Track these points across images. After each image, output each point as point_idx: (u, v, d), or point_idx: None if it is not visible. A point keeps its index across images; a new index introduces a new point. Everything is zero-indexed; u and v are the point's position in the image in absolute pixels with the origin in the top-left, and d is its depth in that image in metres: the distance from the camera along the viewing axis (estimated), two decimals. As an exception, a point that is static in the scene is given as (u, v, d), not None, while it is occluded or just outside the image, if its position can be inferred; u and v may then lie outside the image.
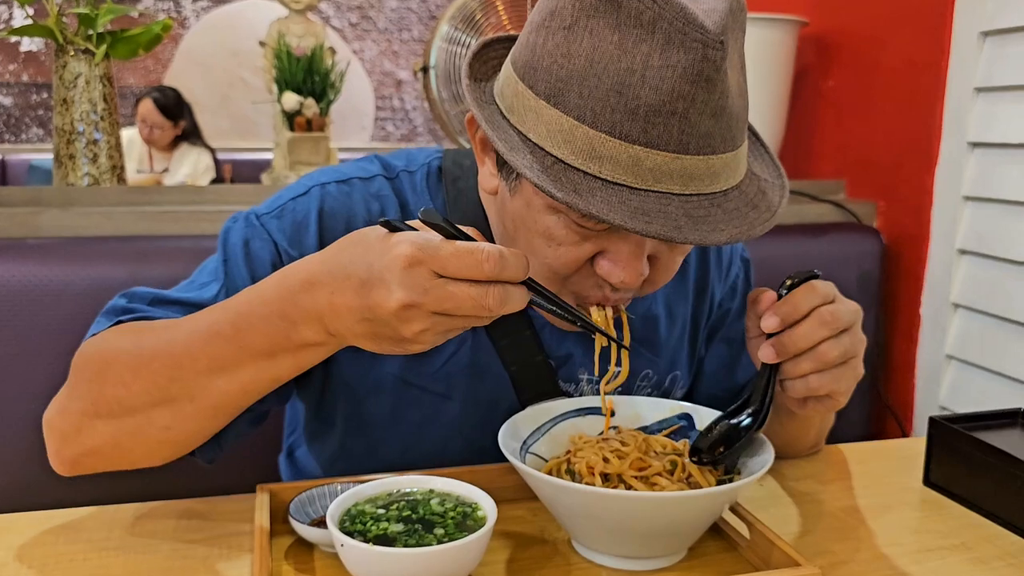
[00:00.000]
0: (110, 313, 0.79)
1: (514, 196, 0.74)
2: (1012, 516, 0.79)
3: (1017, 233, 1.42)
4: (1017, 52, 1.42)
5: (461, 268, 0.57)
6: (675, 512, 0.66)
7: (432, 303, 0.57)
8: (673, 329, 0.94)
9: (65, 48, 1.46)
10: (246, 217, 0.84)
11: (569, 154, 0.65)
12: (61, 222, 1.35)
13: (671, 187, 0.65)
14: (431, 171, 0.88)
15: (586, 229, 0.70)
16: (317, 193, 0.84)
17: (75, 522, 0.79)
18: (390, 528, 0.64)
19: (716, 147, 0.65)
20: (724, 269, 0.98)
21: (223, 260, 0.83)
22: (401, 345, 0.61)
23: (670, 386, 0.95)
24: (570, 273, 0.73)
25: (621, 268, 0.70)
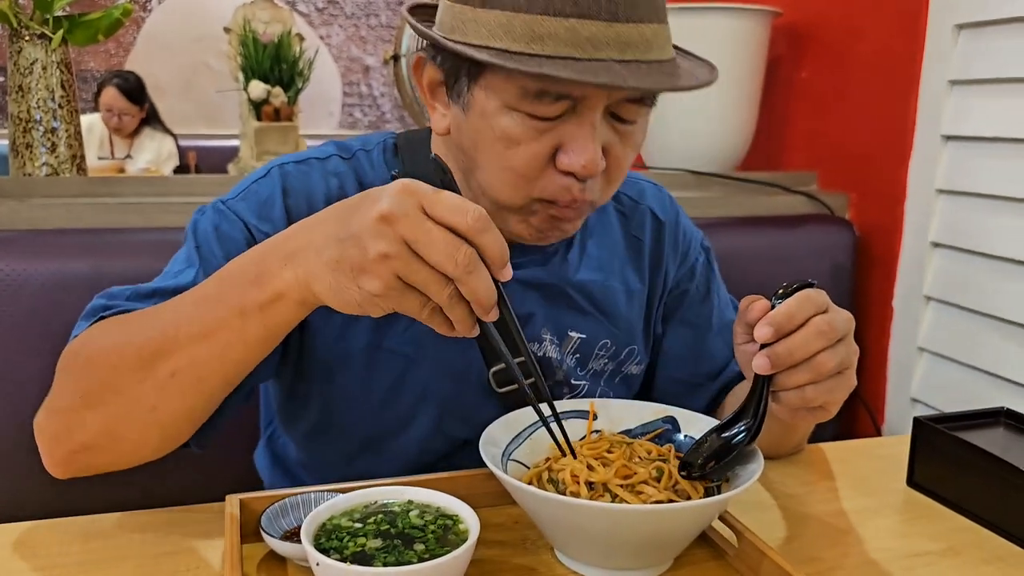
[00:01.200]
0: (89, 314, 0.79)
1: (469, 114, 0.77)
2: (998, 519, 0.79)
3: (990, 226, 1.43)
4: (992, 45, 1.42)
5: (447, 210, 0.58)
6: (663, 524, 0.64)
7: (407, 228, 0.57)
8: (631, 304, 0.97)
9: (20, 32, 1.40)
10: (212, 206, 0.85)
11: (512, 43, 0.70)
12: (19, 214, 1.30)
13: (611, 54, 0.70)
14: (387, 147, 0.91)
15: (540, 121, 0.73)
16: (277, 172, 0.86)
17: (28, 536, 0.75)
18: (368, 544, 0.61)
19: (643, 16, 0.71)
20: (681, 251, 1.01)
21: (195, 247, 0.83)
22: (358, 279, 0.59)
23: (626, 358, 0.97)
24: (534, 175, 0.76)
25: (579, 154, 0.73)
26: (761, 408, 0.69)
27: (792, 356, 0.66)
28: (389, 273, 0.58)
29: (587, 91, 0.72)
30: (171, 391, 0.70)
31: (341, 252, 0.60)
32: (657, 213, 1.01)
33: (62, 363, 0.76)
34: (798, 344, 0.66)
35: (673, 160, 1.87)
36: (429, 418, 0.88)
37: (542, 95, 0.72)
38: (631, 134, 0.78)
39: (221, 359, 0.69)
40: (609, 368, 0.96)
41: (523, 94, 0.73)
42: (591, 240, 0.95)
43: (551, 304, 0.91)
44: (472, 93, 0.76)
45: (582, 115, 0.74)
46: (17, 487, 1.16)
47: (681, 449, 0.77)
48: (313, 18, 4.97)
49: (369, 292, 0.59)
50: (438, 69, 0.80)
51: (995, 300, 1.41)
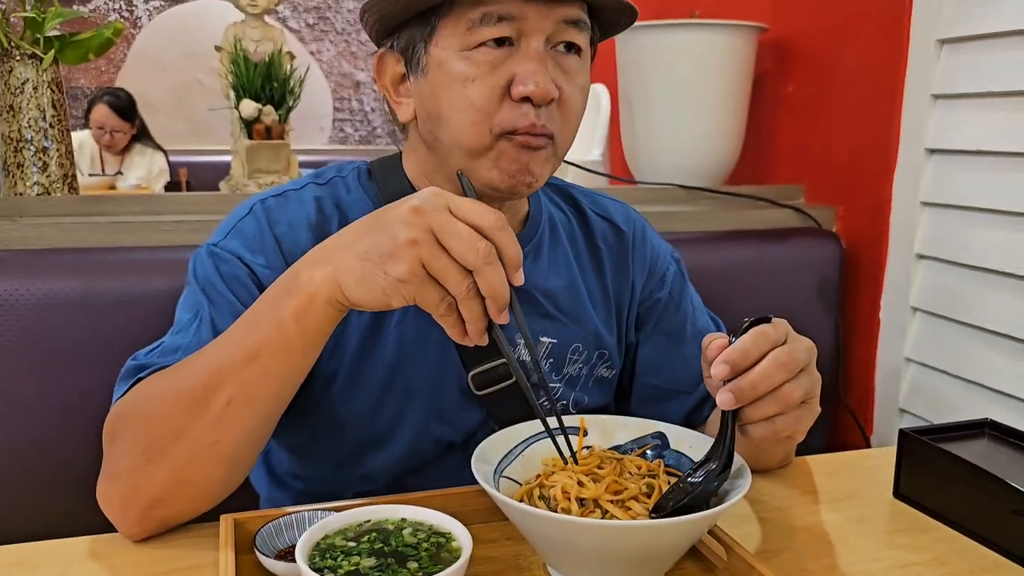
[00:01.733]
0: (125, 377, 0.83)
1: (428, 74, 0.84)
2: (983, 529, 0.80)
3: (973, 238, 1.45)
4: (974, 60, 1.44)
5: (470, 211, 0.64)
6: (653, 539, 0.65)
7: (435, 220, 0.63)
8: (596, 310, 1.01)
9: (10, 52, 1.41)
10: (206, 250, 0.90)
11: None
12: (10, 234, 1.30)
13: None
14: (361, 172, 0.96)
15: (492, 50, 0.80)
16: (260, 208, 0.91)
17: (29, 558, 0.75)
18: (362, 563, 0.62)
19: None
20: (648, 263, 1.06)
21: (200, 289, 0.87)
22: (385, 264, 0.64)
23: (597, 361, 1.01)
24: (492, 108, 0.81)
25: (530, 77, 0.79)
26: (727, 446, 0.69)
27: (755, 389, 0.68)
28: (415, 258, 0.63)
29: (524, 11, 0.79)
30: (229, 420, 0.72)
31: (371, 243, 0.65)
32: (619, 225, 1.05)
33: (111, 429, 0.79)
34: (760, 377, 0.68)
35: (662, 175, 1.89)
36: (415, 421, 0.91)
37: (485, 19, 0.79)
38: (575, 71, 0.85)
39: (268, 375, 0.72)
40: (584, 372, 0.99)
41: (469, 26, 0.80)
42: (555, 250, 1.00)
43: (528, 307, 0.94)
44: (428, 53, 0.83)
45: (527, 43, 0.81)
46: (10, 507, 1.16)
47: (670, 465, 0.78)
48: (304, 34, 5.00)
49: (395, 278, 0.63)
50: (397, 56, 0.87)
51: (979, 311, 1.43)
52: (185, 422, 0.73)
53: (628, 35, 1.88)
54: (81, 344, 1.18)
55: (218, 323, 0.84)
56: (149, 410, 0.76)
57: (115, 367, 1.14)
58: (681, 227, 1.64)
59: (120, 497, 0.76)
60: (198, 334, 0.84)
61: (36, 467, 1.17)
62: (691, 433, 0.80)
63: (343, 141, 5.22)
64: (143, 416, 0.76)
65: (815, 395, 0.72)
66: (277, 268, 0.86)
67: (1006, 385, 1.38)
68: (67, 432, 1.17)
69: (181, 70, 4.77)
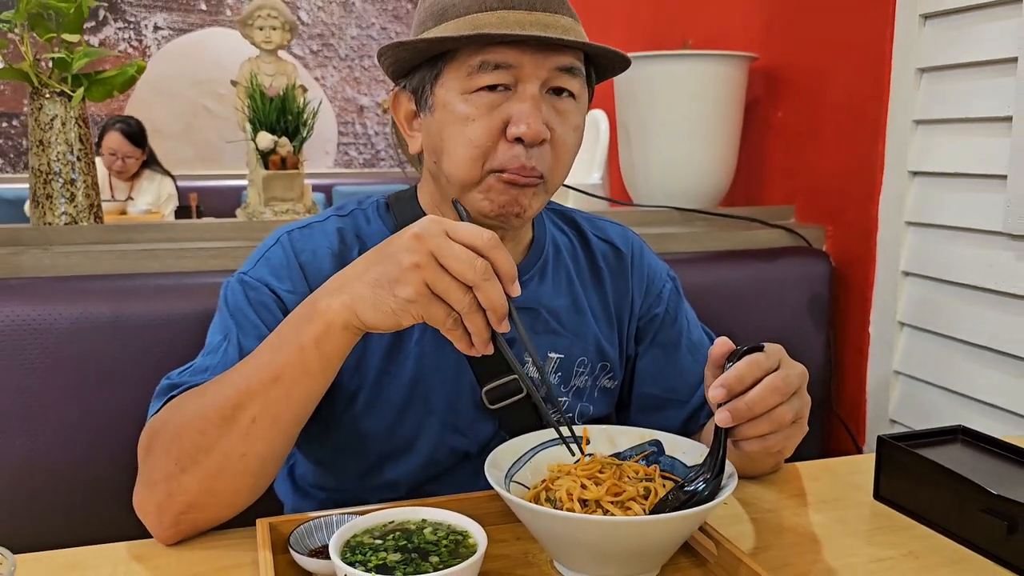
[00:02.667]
0: (160, 395, 0.90)
1: (434, 113, 0.92)
2: (954, 526, 0.87)
3: (955, 256, 1.52)
4: (951, 88, 1.52)
5: (465, 234, 0.71)
6: (649, 534, 0.72)
7: (435, 245, 0.70)
8: (599, 325, 1.08)
9: (40, 91, 1.49)
10: (237, 279, 0.98)
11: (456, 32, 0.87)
12: (42, 261, 1.38)
13: (533, 31, 0.86)
14: (379, 206, 1.04)
15: (490, 94, 0.88)
16: (286, 239, 0.99)
17: (79, 561, 0.82)
18: (388, 558, 0.69)
19: (556, 8, 0.89)
20: (646, 281, 1.14)
21: (229, 315, 0.95)
22: (394, 288, 0.71)
23: (600, 373, 1.08)
24: (489, 146, 0.89)
25: (523, 120, 0.87)
26: (720, 457, 0.77)
27: (751, 410, 0.76)
28: (419, 280, 0.70)
29: (521, 59, 0.87)
30: (255, 435, 0.79)
31: (380, 272, 0.73)
32: (618, 245, 1.14)
33: (147, 442, 0.86)
34: (756, 400, 0.76)
35: (658, 198, 1.97)
36: (433, 434, 0.99)
37: (484, 66, 0.87)
38: (568, 113, 0.92)
39: (289, 396, 0.79)
40: (588, 384, 1.07)
41: (470, 72, 0.88)
42: (559, 270, 1.08)
43: (530, 327, 1.02)
44: (435, 93, 0.92)
45: (524, 88, 0.88)
46: (51, 517, 1.23)
47: (665, 469, 0.85)
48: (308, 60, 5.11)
49: (403, 299, 0.71)
50: (409, 95, 0.96)
51: (961, 324, 1.50)
52: (215, 436, 0.80)
53: (624, 64, 1.96)
54: (111, 365, 1.25)
55: (244, 345, 0.91)
56: (182, 425, 0.83)
57: (144, 386, 1.22)
58: (678, 248, 1.71)
59: (155, 504, 0.83)
60: (226, 355, 0.91)
61: (73, 480, 1.23)
62: (685, 440, 0.87)
63: (347, 164, 5.31)
64: (177, 430, 0.83)
65: (804, 415, 0.80)
66: (302, 293, 0.93)
67: (987, 394, 1.45)
68: (101, 448, 1.24)
69: (189, 97, 4.87)
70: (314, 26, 5.11)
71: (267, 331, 0.90)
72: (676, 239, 1.74)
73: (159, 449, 0.84)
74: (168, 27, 4.85)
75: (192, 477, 0.81)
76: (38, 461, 1.22)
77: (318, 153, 5.10)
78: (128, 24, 4.79)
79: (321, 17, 5.14)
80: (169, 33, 4.87)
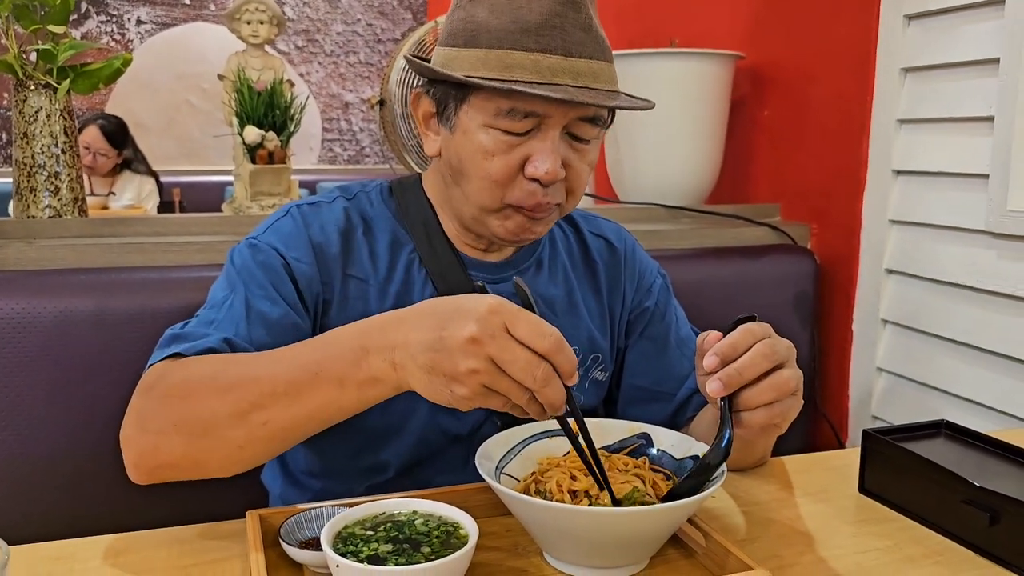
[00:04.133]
0: (164, 344, 0.89)
1: (455, 133, 0.93)
2: (937, 518, 0.88)
3: (938, 254, 1.54)
4: (934, 88, 1.54)
5: (528, 332, 0.68)
6: (638, 525, 0.73)
7: (494, 348, 0.67)
8: (591, 317, 1.10)
9: (25, 83, 1.48)
10: (246, 242, 0.99)
11: (488, 72, 0.87)
12: (26, 255, 1.37)
13: (565, 80, 0.87)
14: (383, 189, 1.06)
15: (511, 136, 0.89)
16: (296, 211, 1.01)
17: (66, 554, 0.81)
18: (380, 548, 0.69)
19: (591, 54, 0.89)
20: (637, 276, 1.16)
21: (236, 273, 0.95)
22: (450, 385, 0.69)
23: (591, 365, 1.10)
24: (507, 181, 0.91)
25: (542, 162, 0.89)
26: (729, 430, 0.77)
27: (742, 376, 0.76)
28: (478, 384, 0.68)
29: (549, 110, 0.88)
30: (260, 437, 0.79)
31: (434, 361, 0.69)
32: (612, 241, 1.16)
33: (150, 388, 0.84)
34: (746, 365, 0.76)
35: (645, 195, 1.98)
36: (424, 414, 0.99)
37: (512, 112, 0.88)
38: (586, 151, 0.94)
39: (310, 418, 0.78)
40: (580, 374, 1.06)
41: (497, 112, 0.89)
42: (555, 263, 1.10)
43: None
44: (458, 115, 0.92)
45: (545, 132, 0.90)
46: (30, 511, 1.22)
47: (654, 462, 0.86)
48: (293, 56, 5.08)
49: (460, 396, 0.70)
50: (431, 101, 0.96)
51: (943, 322, 1.52)
52: (221, 421, 0.79)
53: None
54: (94, 360, 1.24)
55: (252, 303, 0.92)
56: (191, 394, 0.81)
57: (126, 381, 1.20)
58: (664, 244, 1.72)
59: (140, 450, 0.82)
60: (232, 310, 0.91)
61: (56, 474, 1.22)
62: (673, 433, 0.88)
63: (332, 161, 5.29)
64: (184, 395, 0.81)
65: (800, 389, 0.80)
66: (309, 263, 0.96)
67: (968, 390, 1.47)
68: (84, 441, 1.23)
69: (172, 91, 4.83)
70: (299, 21, 5.09)
71: (274, 292, 0.93)
72: (663, 236, 1.75)
73: (158, 403, 0.83)
74: (151, 21, 4.81)
75: (184, 442, 0.80)
76: (21, 454, 1.21)
77: (303, 149, 5.08)
78: (111, 18, 4.75)
79: (307, 12, 5.12)
80: (152, 27, 4.82)
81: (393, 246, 1.01)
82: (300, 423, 0.79)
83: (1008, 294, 1.39)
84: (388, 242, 1.01)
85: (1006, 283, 1.39)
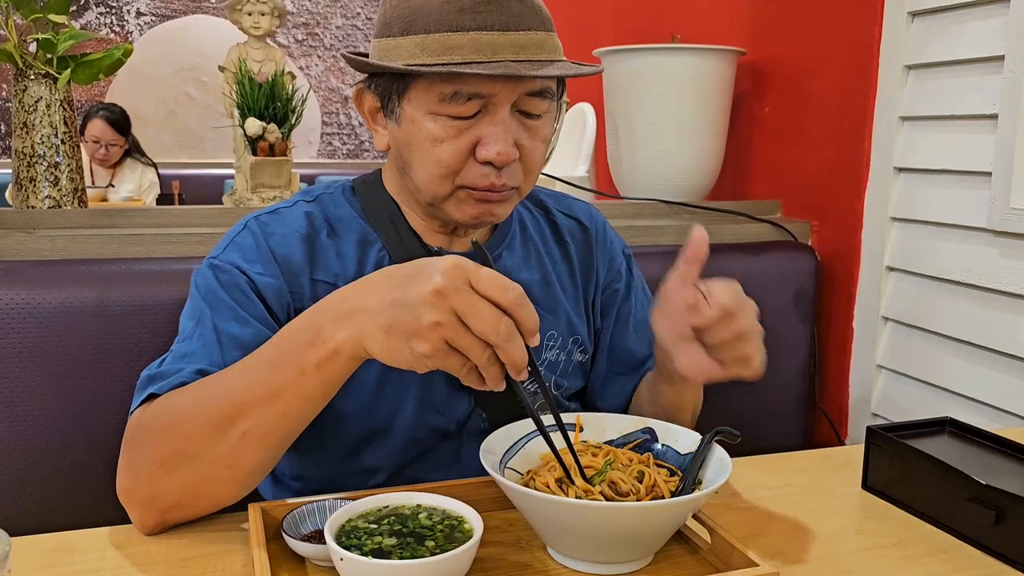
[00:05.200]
0: (141, 387, 0.88)
1: (401, 124, 0.91)
2: (942, 516, 0.88)
3: (939, 251, 1.54)
4: (937, 84, 1.54)
5: (491, 286, 0.68)
6: (643, 520, 0.73)
7: (457, 301, 0.67)
8: (567, 299, 1.10)
9: (25, 72, 1.47)
10: (207, 264, 0.97)
11: (428, 58, 0.86)
12: (26, 245, 1.36)
13: (507, 56, 0.85)
14: (345, 189, 1.04)
15: (460, 120, 0.87)
16: (254, 224, 0.99)
17: (67, 546, 0.81)
18: (384, 542, 0.69)
19: (530, 25, 0.87)
20: (608, 256, 1.16)
21: (201, 298, 0.93)
22: (410, 341, 0.68)
23: (572, 347, 1.09)
24: (458, 167, 0.89)
25: (493, 144, 0.87)
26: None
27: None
28: (439, 338, 0.67)
29: (494, 89, 0.86)
30: (244, 449, 0.78)
31: (395, 318, 0.69)
32: (584, 222, 1.15)
33: (130, 437, 0.84)
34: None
35: (646, 191, 1.97)
36: (411, 411, 0.98)
37: (456, 96, 0.86)
38: (537, 128, 0.92)
39: (285, 415, 0.77)
40: (562, 358, 1.08)
41: (441, 98, 0.87)
42: (527, 246, 1.09)
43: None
44: (402, 107, 0.91)
45: (493, 113, 0.87)
46: (30, 503, 1.21)
47: (659, 457, 0.86)
48: (293, 49, 5.07)
49: (420, 354, 0.68)
50: (374, 95, 0.94)
51: (944, 319, 1.52)
52: (204, 445, 0.78)
53: (613, 57, 1.96)
54: (94, 351, 1.24)
55: (220, 327, 0.90)
56: (168, 427, 0.81)
57: (127, 373, 1.21)
58: (665, 240, 1.72)
59: (139, 504, 0.82)
60: (203, 339, 0.90)
61: (56, 465, 1.22)
62: (678, 428, 0.88)
63: (331, 155, 5.28)
64: (162, 431, 0.81)
65: (759, 339, 0.86)
66: (273, 275, 0.94)
67: (970, 389, 1.47)
68: (84, 433, 1.23)
69: (171, 84, 4.82)
70: (299, 15, 5.08)
71: (242, 312, 0.91)
72: (663, 232, 1.74)
73: (141, 447, 0.83)
74: (151, 13, 4.79)
75: (176, 480, 0.80)
76: (21, 446, 1.21)
77: (302, 143, 5.07)
78: (110, 9, 4.73)
79: (306, 6, 5.10)
80: (152, 19, 4.81)
81: (361, 245, 0.99)
82: (277, 424, 0.78)
83: (1010, 292, 1.39)
84: (355, 242, 0.99)
85: (1008, 281, 1.39)
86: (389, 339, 0.69)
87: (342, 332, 0.72)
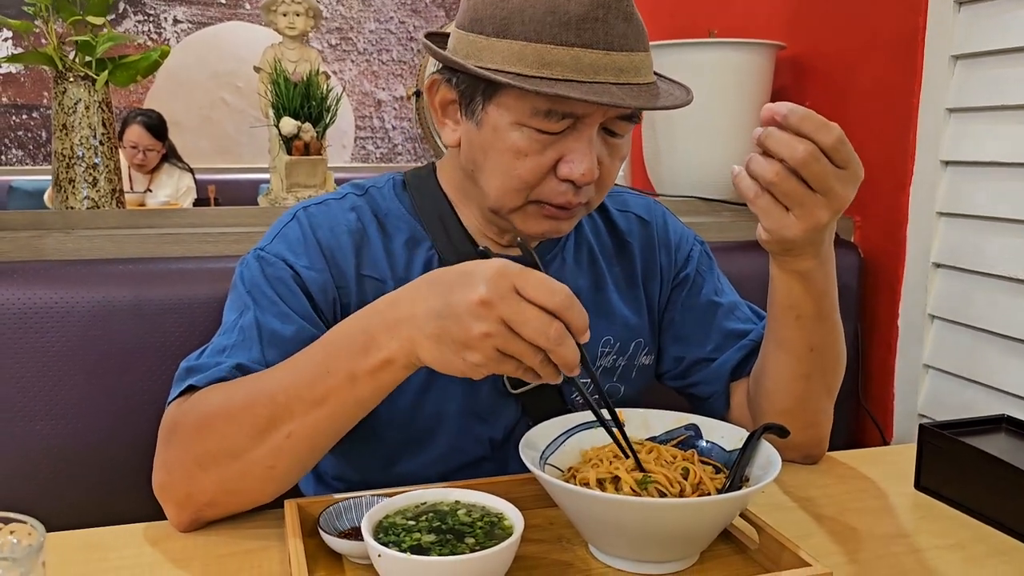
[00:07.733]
0: (180, 379, 0.87)
1: (481, 128, 0.87)
2: (1002, 516, 0.84)
3: (987, 247, 1.49)
4: (986, 75, 1.49)
5: (537, 291, 0.66)
6: (689, 518, 0.70)
7: (505, 309, 0.65)
8: (625, 302, 1.06)
9: (65, 75, 1.48)
10: (253, 255, 0.95)
11: (525, 68, 0.81)
12: (65, 245, 1.37)
13: (607, 78, 0.82)
14: (396, 183, 1.02)
15: (546, 135, 0.84)
16: (303, 214, 0.97)
17: (106, 541, 0.81)
18: (423, 539, 0.67)
19: (632, 46, 0.83)
20: (673, 245, 1.12)
21: (246, 291, 0.91)
22: (462, 352, 0.67)
23: (635, 351, 1.06)
24: (536, 182, 0.86)
25: (579, 163, 0.84)
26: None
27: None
28: (490, 348, 0.67)
29: (588, 110, 0.83)
30: (287, 451, 0.77)
31: (444, 328, 0.68)
32: (643, 216, 1.12)
33: (167, 431, 0.83)
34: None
35: (684, 188, 1.94)
36: (454, 420, 0.96)
37: (550, 113, 0.83)
38: (619, 146, 0.90)
39: (332, 419, 0.77)
40: (621, 364, 1.05)
41: (533, 112, 0.83)
42: (580, 250, 1.05)
43: None
44: (486, 110, 0.86)
45: (581, 131, 0.85)
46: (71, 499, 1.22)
47: (703, 454, 0.83)
48: (326, 54, 5.09)
49: (473, 363, 0.68)
50: (453, 90, 0.90)
51: (994, 317, 1.47)
52: (244, 444, 0.77)
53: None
54: (133, 349, 1.24)
55: (262, 322, 0.88)
56: (208, 426, 0.79)
57: (165, 370, 1.21)
58: (704, 237, 1.66)
59: (174, 501, 0.82)
60: (243, 333, 0.88)
61: (93, 463, 1.22)
62: (723, 424, 0.85)
63: (365, 159, 5.30)
64: (199, 428, 0.80)
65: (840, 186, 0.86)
66: (319, 269, 0.92)
67: (1021, 387, 1.42)
68: (121, 431, 1.23)
69: (207, 90, 4.87)
70: (332, 20, 5.11)
71: (285, 307, 0.89)
72: (702, 229, 1.71)
73: (178, 444, 0.82)
74: (187, 20, 4.85)
75: (212, 477, 0.79)
76: (59, 444, 1.21)
77: (335, 147, 5.09)
78: (148, 17, 4.79)
79: (340, 11, 5.13)
80: (188, 26, 4.87)
81: (410, 244, 0.97)
82: (323, 427, 0.77)
83: (1065, 287, 1.34)
84: (404, 240, 0.97)
85: (1063, 276, 1.34)
86: (440, 349, 0.69)
87: (395, 341, 0.71)
